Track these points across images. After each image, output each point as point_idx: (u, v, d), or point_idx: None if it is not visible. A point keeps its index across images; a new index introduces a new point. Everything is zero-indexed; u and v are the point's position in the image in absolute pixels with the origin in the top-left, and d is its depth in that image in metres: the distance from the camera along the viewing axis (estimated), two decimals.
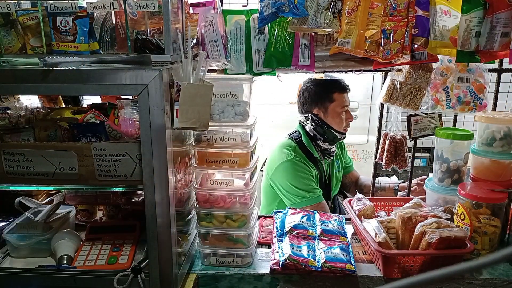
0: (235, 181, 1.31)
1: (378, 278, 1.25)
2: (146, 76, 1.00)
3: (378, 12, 1.30)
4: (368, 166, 3.29)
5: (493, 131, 1.41)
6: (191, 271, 1.31)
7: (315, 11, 1.28)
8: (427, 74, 1.46)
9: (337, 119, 1.86)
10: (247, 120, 1.29)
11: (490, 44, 1.30)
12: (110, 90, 1.05)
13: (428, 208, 1.41)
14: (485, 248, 1.32)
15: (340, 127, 1.87)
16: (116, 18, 1.22)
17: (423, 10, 1.31)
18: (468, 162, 1.50)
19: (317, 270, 1.22)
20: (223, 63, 1.39)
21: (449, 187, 1.48)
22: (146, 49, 1.17)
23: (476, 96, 1.49)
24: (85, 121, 1.26)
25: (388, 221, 1.35)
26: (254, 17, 1.36)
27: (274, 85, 2.00)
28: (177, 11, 1.16)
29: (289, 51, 1.38)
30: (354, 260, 1.26)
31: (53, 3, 1.12)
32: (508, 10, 1.26)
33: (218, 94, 1.28)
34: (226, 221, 1.31)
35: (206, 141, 1.28)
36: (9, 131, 1.22)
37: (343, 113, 1.86)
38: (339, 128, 1.87)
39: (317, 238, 1.37)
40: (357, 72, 1.47)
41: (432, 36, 1.32)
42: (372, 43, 1.32)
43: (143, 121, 1.03)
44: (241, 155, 1.27)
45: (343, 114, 1.86)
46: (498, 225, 1.31)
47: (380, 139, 1.70)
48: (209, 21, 1.32)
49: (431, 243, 1.20)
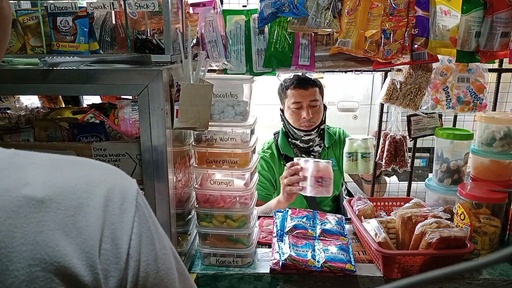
0: (235, 181, 1.31)
1: (378, 278, 1.25)
2: (146, 76, 1.00)
3: (378, 12, 1.30)
4: None
5: (493, 131, 1.41)
6: (191, 271, 1.31)
7: (315, 11, 1.28)
8: (427, 74, 1.46)
9: (291, 115, 1.87)
10: (247, 120, 1.29)
11: (490, 44, 1.30)
12: (110, 90, 1.05)
13: (428, 208, 1.41)
14: (485, 248, 1.32)
15: (296, 124, 1.87)
16: (116, 18, 1.22)
17: (423, 10, 1.31)
18: (468, 162, 1.50)
19: (317, 270, 1.22)
20: (223, 63, 1.39)
21: (449, 187, 1.48)
22: (146, 49, 1.17)
23: (476, 96, 1.49)
24: (85, 121, 1.26)
25: (388, 221, 1.35)
26: (254, 17, 1.36)
27: (274, 85, 2.01)
28: (177, 11, 1.16)
29: (289, 51, 1.38)
30: (354, 260, 1.26)
31: (53, 3, 1.12)
32: (508, 10, 1.26)
33: (218, 94, 1.28)
34: (226, 221, 1.31)
35: (206, 141, 1.28)
36: (9, 131, 1.22)
37: (298, 110, 1.84)
38: (295, 124, 1.87)
39: (317, 238, 1.37)
40: (357, 72, 1.47)
41: (432, 36, 1.32)
42: (372, 43, 1.32)
43: (143, 121, 1.03)
44: (241, 155, 1.27)
45: (299, 111, 1.84)
46: (498, 225, 1.31)
47: (380, 139, 1.70)
48: (209, 21, 1.32)
49: (431, 243, 1.20)
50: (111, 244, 0.40)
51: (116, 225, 0.41)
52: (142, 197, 0.46)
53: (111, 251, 0.40)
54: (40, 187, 0.39)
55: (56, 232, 0.38)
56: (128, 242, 0.42)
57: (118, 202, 0.42)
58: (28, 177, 0.39)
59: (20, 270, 0.35)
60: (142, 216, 0.44)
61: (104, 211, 0.41)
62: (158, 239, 0.46)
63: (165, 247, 0.47)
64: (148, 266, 0.43)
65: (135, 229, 0.42)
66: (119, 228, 0.41)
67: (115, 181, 0.44)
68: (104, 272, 0.40)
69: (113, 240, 0.41)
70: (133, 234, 0.42)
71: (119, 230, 0.41)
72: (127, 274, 0.41)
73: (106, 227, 0.40)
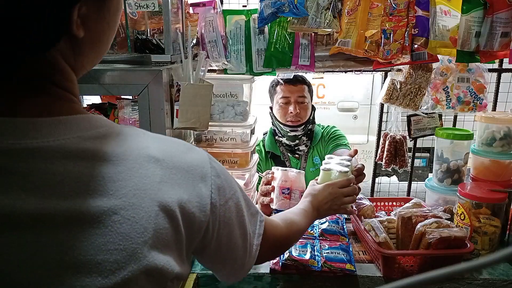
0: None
1: (378, 278, 1.25)
2: (146, 76, 1.00)
3: (378, 12, 1.30)
4: (368, 166, 3.29)
5: (493, 131, 1.41)
6: (191, 271, 1.31)
7: (315, 11, 1.28)
8: (427, 74, 1.46)
9: (279, 109, 1.88)
10: (247, 120, 1.29)
11: (490, 44, 1.30)
12: (110, 90, 1.05)
13: (428, 208, 1.41)
14: (485, 248, 1.32)
15: (283, 119, 1.87)
16: None
17: (423, 10, 1.31)
18: (468, 162, 1.50)
19: (317, 270, 1.22)
20: (223, 63, 1.39)
21: (449, 187, 1.48)
22: (146, 49, 1.17)
23: (476, 96, 1.49)
24: None
25: (388, 221, 1.35)
26: (254, 17, 1.36)
27: None
28: (177, 11, 1.16)
29: (289, 51, 1.38)
30: (354, 260, 1.26)
31: None
32: (508, 10, 1.26)
33: (218, 94, 1.28)
34: None
35: (206, 141, 1.28)
36: None
37: (286, 105, 1.85)
38: (281, 119, 1.88)
39: (317, 238, 1.37)
40: (357, 72, 1.47)
41: (432, 36, 1.32)
42: (372, 43, 1.32)
43: (143, 121, 1.03)
44: (241, 155, 1.27)
45: (286, 106, 1.85)
46: (498, 225, 1.31)
47: (380, 139, 1.70)
48: (209, 21, 1.32)
49: (431, 243, 1.20)
50: (200, 197, 0.55)
51: (201, 184, 0.56)
52: (212, 158, 0.62)
53: (200, 202, 0.55)
54: (156, 150, 0.53)
55: (167, 184, 0.51)
56: (209, 196, 0.57)
57: (200, 167, 0.57)
58: (146, 142, 0.53)
59: (148, 207, 0.48)
60: (216, 174, 0.59)
61: (193, 174, 0.56)
62: (228, 184, 0.62)
63: (233, 187, 0.64)
64: (226, 204, 0.61)
65: (213, 185, 0.58)
66: (203, 186, 0.56)
67: (194, 152, 0.59)
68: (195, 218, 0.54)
69: (200, 195, 0.55)
70: (213, 189, 0.58)
71: (203, 187, 0.56)
72: (213, 215, 0.58)
73: (195, 185, 0.55)
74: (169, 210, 0.50)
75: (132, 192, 0.47)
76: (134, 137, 0.53)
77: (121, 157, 0.49)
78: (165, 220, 0.49)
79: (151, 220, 0.47)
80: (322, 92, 4.29)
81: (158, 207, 0.49)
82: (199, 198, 0.55)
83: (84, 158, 0.46)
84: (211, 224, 0.58)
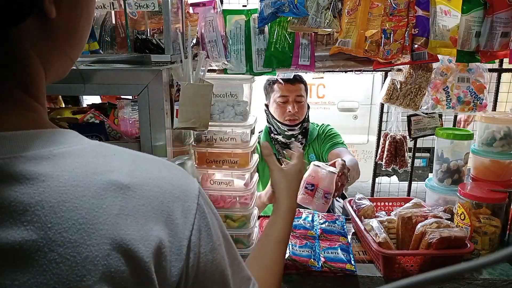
0: (235, 181, 1.31)
1: (378, 278, 1.25)
2: (146, 76, 1.00)
3: (378, 12, 1.30)
4: (368, 166, 3.29)
5: (493, 131, 1.41)
6: None
7: (315, 11, 1.28)
8: (427, 74, 1.46)
9: (277, 108, 1.87)
10: (247, 120, 1.29)
11: (490, 44, 1.30)
12: (110, 90, 1.05)
13: (428, 208, 1.41)
14: (485, 248, 1.32)
15: (281, 118, 1.87)
16: (116, 18, 1.22)
17: (423, 10, 1.31)
18: (468, 162, 1.50)
19: (317, 270, 1.22)
20: (223, 63, 1.39)
21: (449, 187, 1.48)
22: (146, 49, 1.17)
23: (476, 96, 1.49)
24: (85, 121, 1.26)
25: (388, 221, 1.35)
26: (254, 17, 1.36)
27: None
28: (177, 11, 1.16)
29: (289, 51, 1.38)
30: (354, 260, 1.26)
31: None
32: (508, 10, 1.26)
33: (218, 94, 1.28)
34: (226, 221, 1.31)
35: (206, 141, 1.28)
36: None
37: (284, 104, 1.85)
38: (279, 118, 1.88)
39: (317, 238, 1.37)
40: (357, 72, 1.47)
41: (432, 36, 1.32)
42: (372, 43, 1.32)
43: (143, 121, 1.03)
44: (241, 155, 1.27)
45: (285, 105, 1.85)
46: (498, 225, 1.31)
47: (380, 139, 1.70)
48: (209, 21, 1.32)
49: (431, 243, 1.20)
50: (174, 237, 0.44)
51: (179, 221, 0.45)
52: (203, 194, 0.51)
53: (173, 243, 0.44)
54: (124, 175, 0.43)
55: (129, 217, 0.42)
56: (188, 237, 0.46)
57: (182, 200, 0.47)
58: (113, 165, 0.43)
59: (95, 246, 0.39)
60: (202, 214, 0.48)
61: (170, 208, 0.45)
62: (214, 231, 0.50)
63: (219, 238, 0.52)
64: (206, 256, 0.48)
65: (195, 225, 0.47)
66: (182, 223, 0.46)
67: (181, 181, 0.48)
68: (166, 262, 0.44)
69: (176, 234, 0.45)
70: (194, 230, 0.47)
71: (181, 225, 0.45)
72: (187, 265, 0.46)
73: (170, 222, 0.45)
74: (125, 249, 0.40)
75: (76, 226, 0.39)
76: (98, 159, 0.43)
77: (69, 183, 0.40)
78: (120, 261, 0.40)
79: (97, 261, 0.39)
80: (322, 92, 4.29)
81: (109, 246, 0.39)
82: (173, 237, 0.44)
83: (20, 182, 0.38)
84: (184, 276, 0.46)
